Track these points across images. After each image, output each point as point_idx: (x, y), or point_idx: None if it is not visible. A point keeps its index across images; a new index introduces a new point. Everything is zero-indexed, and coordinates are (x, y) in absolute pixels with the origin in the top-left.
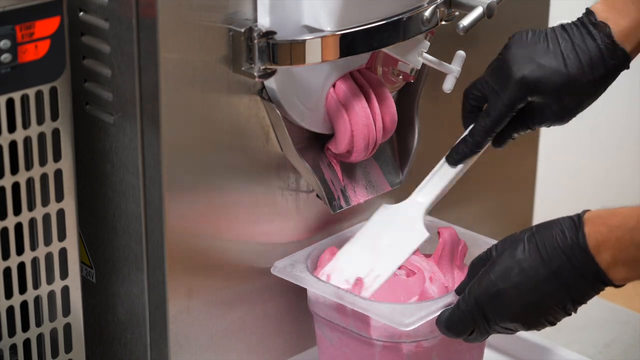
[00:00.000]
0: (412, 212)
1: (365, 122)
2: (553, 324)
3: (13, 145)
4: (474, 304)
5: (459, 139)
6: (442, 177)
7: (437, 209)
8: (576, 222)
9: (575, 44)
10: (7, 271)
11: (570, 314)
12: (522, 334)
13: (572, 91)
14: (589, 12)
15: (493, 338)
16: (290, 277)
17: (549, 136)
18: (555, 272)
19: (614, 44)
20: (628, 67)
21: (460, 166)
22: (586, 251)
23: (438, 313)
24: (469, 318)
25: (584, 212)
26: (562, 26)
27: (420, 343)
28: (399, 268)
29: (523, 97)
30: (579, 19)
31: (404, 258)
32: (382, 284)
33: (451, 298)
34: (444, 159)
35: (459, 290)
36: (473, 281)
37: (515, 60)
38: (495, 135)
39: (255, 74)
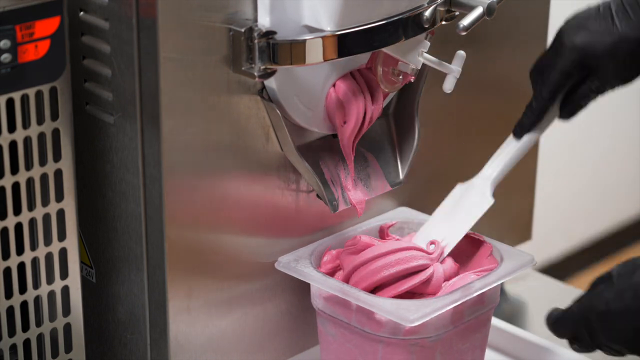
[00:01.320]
0: (479, 185)
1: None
2: None
3: (13, 145)
4: (580, 315)
5: (523, 112)
6: (508, 151)
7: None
8: None
9: (625, 3)
10: (7, 271)
11: None
12: (523, 333)
13: (624, 48)
14: None
15: (492, 337)
16: (294, 272)
17: (549, 136)
18: None
19: None
20: None
21: (525, 139)
22: None
23: (443, 310)
24: (571, 325)
25: None
26: None
27: (424, 340)
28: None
29: (576, 63)
30: None
31: (470, 224)
32: (450, 250)
33: (458, 295)
34: (512, 134)
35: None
36: (587, 294)
37: (567, 30)
38: (564, 106)
39: (256, 73)
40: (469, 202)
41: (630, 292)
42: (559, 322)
